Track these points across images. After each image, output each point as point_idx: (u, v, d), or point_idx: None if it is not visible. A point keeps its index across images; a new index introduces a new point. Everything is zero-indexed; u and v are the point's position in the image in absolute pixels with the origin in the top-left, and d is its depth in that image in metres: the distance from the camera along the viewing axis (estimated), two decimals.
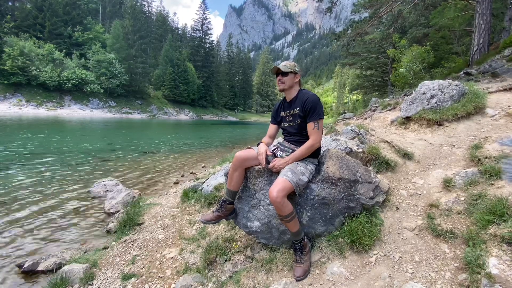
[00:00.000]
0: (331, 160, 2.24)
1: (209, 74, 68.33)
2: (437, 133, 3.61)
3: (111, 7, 60.46)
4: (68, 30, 43.95)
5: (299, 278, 1.90)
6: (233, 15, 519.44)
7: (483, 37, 8.17)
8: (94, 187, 5.42)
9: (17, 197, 4.81)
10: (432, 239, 1.98)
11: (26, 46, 35.06)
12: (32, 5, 40.75)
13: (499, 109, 3.63)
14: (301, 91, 2.17)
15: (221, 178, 4.00)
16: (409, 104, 4.35)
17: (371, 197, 2.22)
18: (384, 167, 2.88)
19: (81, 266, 2.52)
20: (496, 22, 12.10)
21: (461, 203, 2.13)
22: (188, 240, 2.89)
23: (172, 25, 79.00)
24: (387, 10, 11.87)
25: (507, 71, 5.92)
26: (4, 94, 32.67)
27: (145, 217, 3.76)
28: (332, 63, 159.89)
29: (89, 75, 40.62)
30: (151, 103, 50.78)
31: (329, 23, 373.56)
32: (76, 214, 4.31)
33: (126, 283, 2.34)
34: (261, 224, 2.21)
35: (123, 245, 3.01)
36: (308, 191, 2.12)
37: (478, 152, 2.71)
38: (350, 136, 3.61)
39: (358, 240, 2.00)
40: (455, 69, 9.57)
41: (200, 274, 2.25)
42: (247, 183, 2.30)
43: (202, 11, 70.26)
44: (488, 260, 1.54)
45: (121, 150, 10.47)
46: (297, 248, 2.01)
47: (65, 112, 34.57)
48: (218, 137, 19.28)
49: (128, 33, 48.86)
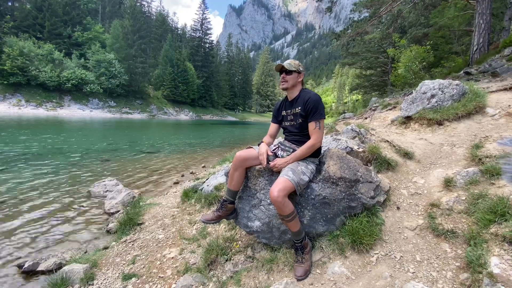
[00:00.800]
0: (332, 159, 2.24)
1: (209, 74, 68.33)
2: (438, 133, 3.60)
3: (111, 7, 60.42)
4: (67, 30, 43.92)
5: (300, 277, 1.89)
6: (233, 15, 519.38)
7: (483, 37, 8.17)
8: (94, 187, 5.42)
9: (17, 197, 4.81)
10: (433, 239, 1.97)
11: (25, 46, 35.02)
12: (32, 5, 40.71)
13: (499, 108, 3.62)
14: (303, 91, 2.16)
15: (221, 178, 3.99)
16: (409, 103, 4.35)
17: (372, 196, 2.21)
18: (384, 166, 2.87)
19: (82, 266, 2.52)
20: (496, 22, 12.10)
21: (462, 202, 2.13)
22: (189, 240, 2.89)
23: (171, 25, 78.99)
24: (387, 9, 11.85)
25: (507, 70, 5.91)
26: (3, 94, 32.64)
27: (145, 217, 3.75)
28: (332, 63, 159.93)
29: (89, 75, 40.59)
30: (150, 103, 50.75)
31: (328, 22, 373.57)
32: (76, 214, 4.30)
33: (126, 283, 2.34)
34: (261, 224, 2.20)
35: (124, 245, 3.01)
36: (309, 190, 2.12)
37: (479, 152, 2.71)
38: (350, 136, 3.61)
39: (359, 239, 1.99)
40: (455, 69, 9.56)
41: (201, 274, 2.25)
42: (248, 182, 2.29)
43: (201, 11, 70.23)
44: (490, 259, 1.53)
45: (121, 150, 10.46)
46: (298, 247, 2.01)
47: (64, 112, 34.54)
48: (218, 137, 19.28)
49: (128, 33, 48.81)
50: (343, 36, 14.25)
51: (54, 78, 36.62)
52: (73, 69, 39.07)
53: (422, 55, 10.47)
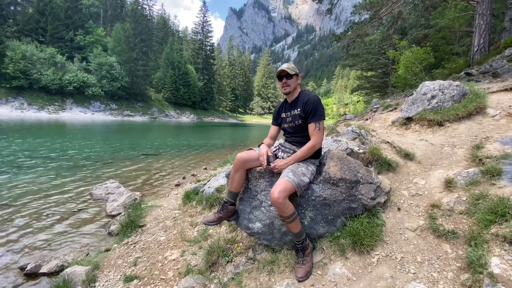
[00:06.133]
0: (332, 160, 2.25)
1: (210, 77, 68.57)
2: (438, 134, 3.60)
3: (112, 10, 60.86)
4: (69, 34, 44.21)
5: (301, 279, 1.90)
6: (234, 18, 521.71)
7: (484, 38, 8.17)
8: (96, 189, 5.44)
9: (19, 200, 4.83)
10: (434, 239, 1.97)
11: (28, 50, 35.24)
12: (34, 9, 41.02)
13: (500, 109, 3.62)
14: (302, 93, 2.18)
15: (222, 180, 4.00)
16: (409, 104, 4.35)
17: (372, 197, 2.22)
18: (385, 167, 2.87)
19: (83, 268, 2.53)
20: (497, 23, 12.11)
21: (462, 203, 2.13)
22: (190, 242, 2.89)
23: (173, 27, 79.46)
24: (387, 11, 11.87)
25: (507, 71, 5.91)
26: (6, 98, 32.81)
27: (147, 219, 3.76)
28: (332, 65, 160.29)
29: (91, 78, 40.79)
30: (152, 106, 50.92)
31: (329, 24, 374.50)
32: (78, 216, 4.32)
33: (128, 285, 2.35)
34: (262, 225, 2.21)
35: (125, 247, 3.02)
36: (310, 192, 2.12)
37: (480, 152, 2.70)
38: (351, 137, 3.61)
39: (360, 240, 2.00)
40: (455, 70, 9.56)
41: (202, 276, 2.25)
42: (249, 184, 2.30)
43: (202, 13, 70.58)
44: (490, 259, 1.53)
45: (123, 153, 10.50)
46: (299, 249, 2.01)
47: (66, 115, 34.68)
48: (219, 139, 19.30)
49: (129, 36, 49.10)
50: (343, 38, 14.28)
51: (56, 81, 36.80)
52: (75, 72, 39.28)
53: (422, 56, 10.47)
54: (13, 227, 3.79)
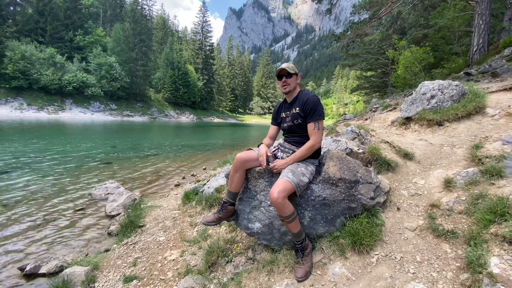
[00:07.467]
0: (331, 160, 2.25)
1: (210, 77, 68.59)
2: (438, 133, 3.60)
3: (112, 10, 60.79)
4: (69, 34, 44.19)
5: (300, 279, 1.90)
6: (233, 18, 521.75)
7: (483, 37, 8.18)
8: (96, 189, 5.43)
9: (18, 200, 4.83)
10: (433, 239, 1.97)
11: (27, 50, 35.19)
12: (33, 9, 40.98)
13: (499, 108, 3.62)
14: (301, 92, 2.18)
15: (222, 180, 4.00)
16: (409, 104, 4.35)
17: (372, 197, 2.22)
18: (384, 167, 2.87)
19: (83, 268, 2.53)
20: (496, 22, 12.13)
21: (462, 202, 2.13)
22: (190, 242, 2.89)
23: (172, 28, 79.45)
24: (387, 11, 11.88)
25: (507, 70, 5.92)
26: (5, 98, 32.78)
27: (146, 220, 3.76)
28: (332, 65, 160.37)
29: (90, 78, 40.76)
30: (151, 106, 50.90)
31: (328, 24, 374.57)
32: (78, 216, 4.32)
33: (127, 285, 2.34)
34: (262, 225, 2.21)
35: (125, 248, 3.02)
36: (309, 192, 2.12)
37: (479, 152, 2.71)
38: (350, 137, 3.61)
39: (359, 240, 2.00)
40: (455, 69, 9.56)
41: (202, 276, 2.25)
42: (248, 184, 2.30)
43: (202, 14, 70.61)
44: (490, 259, 1.53)
45: (122, 153, 10.49)
46: (298, 249, 2.01)
47: (66, 116, 34.65)
48: (218, 139, 19.30)
49: (129, 36, 49.06)
50: (343, 38, 14.28)
51: (55, 82, 36.77)
52: (74, 73, 39.24)
53: (421, 56, 10.47)
54: (12, 228, 3.79)
